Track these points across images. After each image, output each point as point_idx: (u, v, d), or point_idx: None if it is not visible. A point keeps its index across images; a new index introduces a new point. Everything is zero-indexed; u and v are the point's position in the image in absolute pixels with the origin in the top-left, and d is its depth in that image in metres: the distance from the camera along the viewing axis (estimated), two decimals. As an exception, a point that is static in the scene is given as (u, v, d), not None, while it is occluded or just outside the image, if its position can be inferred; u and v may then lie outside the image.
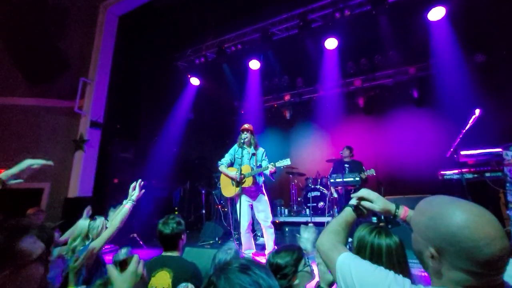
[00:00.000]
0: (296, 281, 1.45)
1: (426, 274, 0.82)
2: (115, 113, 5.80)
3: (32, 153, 5.16)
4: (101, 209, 5.01)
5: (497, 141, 2.97)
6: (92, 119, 5.18)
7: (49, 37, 5.36)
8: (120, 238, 5.18)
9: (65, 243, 2.22)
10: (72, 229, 2.38)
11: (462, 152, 3.08)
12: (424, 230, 0.76)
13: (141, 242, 5.06)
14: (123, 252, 0.98)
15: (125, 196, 2.09)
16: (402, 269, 1.11)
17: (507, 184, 2.75)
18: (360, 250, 1.17)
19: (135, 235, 5.14)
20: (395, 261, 1.11)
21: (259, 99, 8.62)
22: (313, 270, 1.48)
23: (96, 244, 1.99)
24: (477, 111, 3.18)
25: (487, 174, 2.99)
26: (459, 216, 0.68)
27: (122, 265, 0.95)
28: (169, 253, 1.96)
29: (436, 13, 4.90)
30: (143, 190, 2.12)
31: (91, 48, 5.56)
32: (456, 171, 3.12)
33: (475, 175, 3.03)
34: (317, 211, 6.09)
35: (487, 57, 5.28)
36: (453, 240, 0.67)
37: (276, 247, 3.72)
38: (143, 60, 6.46)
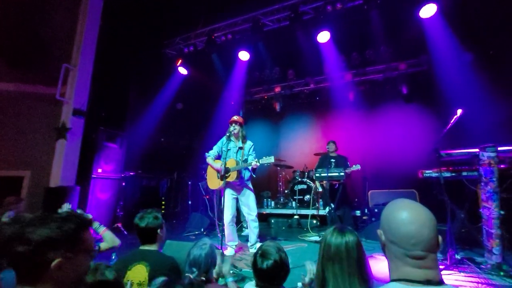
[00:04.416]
0: None
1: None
2: (100, 101, 5.61)
3: (13, 140, 5.01)
4: (84, 198, 4.96)
5: (482, 140, 3.04)
6: (75, 106, 5.02)
7: (30, 20, 5.11)
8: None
9: None
10: None
11: (442, 152, 3.16)
12: (381, 222, 1.00)
13: (125, 232, 5.05)
14: None
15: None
16: (354, 261, 1.21)
17: (482, 184, 2.83)
18: (322, 248, 1.30)
19: (119, 224, 5.11)
20: (343, 256, 1.21)
21: (249, 90, 8.53)
22: None
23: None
24: (459, 111, 3.22)
25: (464, 173, 3.08)
26: (396, 211, 0.95)
27: None
28: (146, 247, 1.95)
29: (428, 10, 4.88)
30: None
31: (74, 32, 5.33)
32: (435, 169, 3.20)
33: (453, 174, 3.12)
34: (303, 204, 6.18)
35: (476, 55, 5.33)
36: (390, 221, 0.94)
37: (259, 240, 3.78)
38: (130, 47, 6.24)
